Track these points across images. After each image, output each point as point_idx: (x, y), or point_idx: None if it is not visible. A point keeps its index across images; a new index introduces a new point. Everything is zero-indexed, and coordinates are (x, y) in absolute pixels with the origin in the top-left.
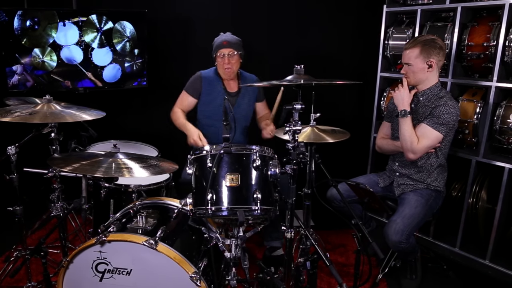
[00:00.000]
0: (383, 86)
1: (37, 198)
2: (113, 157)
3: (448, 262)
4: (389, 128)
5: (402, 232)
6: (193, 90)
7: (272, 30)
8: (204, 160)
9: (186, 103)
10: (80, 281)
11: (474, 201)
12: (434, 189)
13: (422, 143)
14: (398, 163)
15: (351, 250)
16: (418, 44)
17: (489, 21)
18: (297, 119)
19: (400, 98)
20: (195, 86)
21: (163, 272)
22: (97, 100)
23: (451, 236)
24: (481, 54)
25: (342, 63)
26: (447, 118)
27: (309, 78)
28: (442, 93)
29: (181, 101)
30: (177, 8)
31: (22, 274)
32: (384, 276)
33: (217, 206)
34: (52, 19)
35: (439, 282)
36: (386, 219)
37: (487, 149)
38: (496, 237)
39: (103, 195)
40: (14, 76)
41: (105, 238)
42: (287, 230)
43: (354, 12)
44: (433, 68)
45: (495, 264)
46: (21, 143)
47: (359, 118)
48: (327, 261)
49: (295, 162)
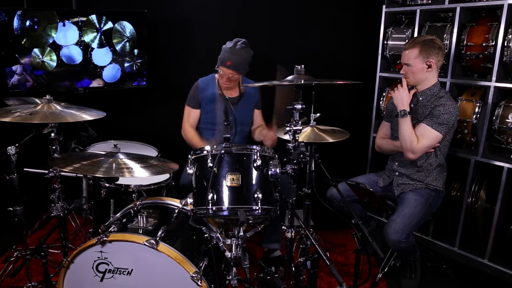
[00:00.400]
0: (383, 86)
1: (37, 199)
2: (113, 157)
3: (447, 261)
4: (388, 128)
5: (402, 232)
6: (194, 102)
7: (272, 30)
8: (205, 160)
9: (192, 117)
10: (81, 281)
11: (473, 201)
12: (433, 189)
13: (422, 143)
14: (398, 162)
15: (350, 250)
16: (418, 44)
17: (488, 21)
18: (297, 119)
19: (399, 98)
20: (194, 96)
21: (164, 272)
22: (96, 100)
23: (450, 236)
24: (480, 54)
25: (341, 63)
26: (446, 118)
27: (310, 78)
28: (441, 93)
29: (187, 117)
30: (177, 8)
31: (22, 274)
32: (383, 276)
33: (218, 206)
34: (52, 19)
35: (439, 281)
36: (385, 219)
37: (486, 149)
38: (495, 236)
39: (103, 195)
40: (14, 76)
41: (106, 238)
42: (288, 229)
43: (353, 13)
44: (433, 68)
45: (494, 263)
46: (21, 143)
47: (359, 118)
48: (327, 260)
49: (295, 162)
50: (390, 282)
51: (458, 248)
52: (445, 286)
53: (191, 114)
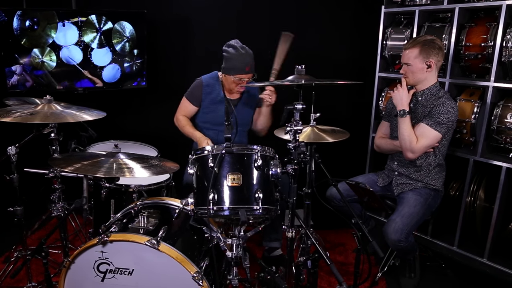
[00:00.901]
0: (382, 86)
1: (36, 199)
2: (114, 157)
3: (446, 260)
4: (387, 127)
5: (402, 231)
6: (193, 98)
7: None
8: (206, 160)
9: (188, 110)
10: (82, 282)
11: (472, 200)
12: (432, 188)
13: (421, 142)
14: (397, 162)
15: (350, 249)
16: (418, 44)
17: (487, 21)
18: (298, 119)
19: (399, 98)
20: (196, 93)
21: (165, 271)
22: (96, 100)
23: (449, 235)
24: (478, 55)
25: (340, 63)
26: (445, 117)
27: (310, 78)
28: (441, 93)
29: (183, 108)
30: (176, 8)
31: (22, 275)
32: (383, 275)
33: (219, 205)
34: (52, 19)
35: (438, 280)
36: (384, 218)
37: (485, 149)
38: (494, 235)
39: (103, 195)
40: (13, 76)
41: (107, 238)
42: (288, 229)
43: (352, 13)
44: (432, 68)
45: (493, 262)
46: (21, 143)
47: (358, 117)
48: (328, 260)
49: (296, 162)
50: (389, 281)
51: (457, 247)
52: (444, 285)
53: (188, 108)
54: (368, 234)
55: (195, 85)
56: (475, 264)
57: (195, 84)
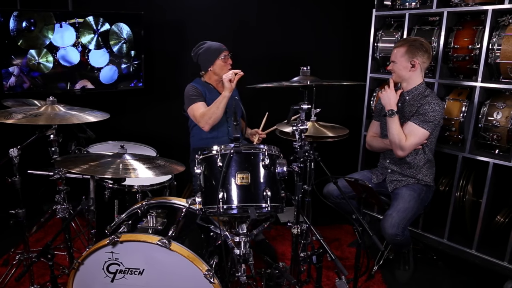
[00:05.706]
0: (373, 87)
1: (36, 201)
2: (121, 158)
3: (437, 252)
4: (378, 126)
5: (398, 225)
6: (198, 95)
7: (265, 34)
8: (213, 159)
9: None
10: (91, 283)
11: (461, 195)
12: (424, 184)
13: (410, 140)
14: (389, 160)
15: (344, 244)
16: (406, 44)
17: (473, 25)
18: (303, 118)
19: (387, 99)
20: (197, 92)
21: (176, 270)
22: (93, 101)
23: (439, 228)
24: (466, 56)
25: (333, 64)
26: (432, 115)
27: (315, 79)
28: (426, 92)
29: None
30: (173, 10)
31: (24, 277)
32: (378, 268)
33: (228, 204)
34: (49, 20)
35: (430, 271)
36: (377, 214)
37: (473, 145)
38: (482, 228)
39: (107, 196)
40: (11, 77)
41: (118, 239)
42: (293, 226)
43: (344, 17)
44: (416, 68)
45: (481, 253)
46: (24, 145)
47: (350, 117)
48: (332, 255)
49: (302, 160)
50: (385, 274)
51: (447, 239)
52: (436, 276)
53: (201, 106)
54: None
55: (191, 89)
56: (464, 255)
57: (191, 89)
